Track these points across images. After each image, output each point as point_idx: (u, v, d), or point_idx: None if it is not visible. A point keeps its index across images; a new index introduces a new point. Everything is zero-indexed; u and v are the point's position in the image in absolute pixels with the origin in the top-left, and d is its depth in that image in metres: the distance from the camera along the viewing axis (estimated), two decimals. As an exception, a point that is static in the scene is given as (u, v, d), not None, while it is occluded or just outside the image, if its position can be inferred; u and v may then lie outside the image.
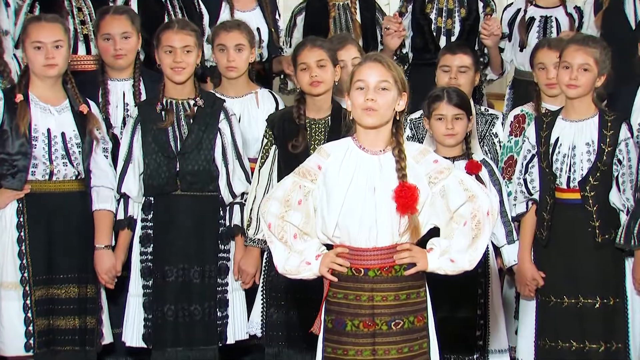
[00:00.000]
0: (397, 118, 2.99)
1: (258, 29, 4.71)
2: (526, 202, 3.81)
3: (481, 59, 4.69)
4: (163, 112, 3.82)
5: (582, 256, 3.67)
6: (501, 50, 4.82)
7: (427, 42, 4.78)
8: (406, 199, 2.88)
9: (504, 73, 4.88)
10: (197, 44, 3.84)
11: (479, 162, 3.85)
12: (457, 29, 4.78)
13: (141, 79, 4.08)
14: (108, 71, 4.10)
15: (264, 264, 3.89)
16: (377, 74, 2.95)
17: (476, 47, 4.74)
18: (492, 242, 3.84)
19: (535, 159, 3.78)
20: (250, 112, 4.19)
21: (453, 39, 4.75)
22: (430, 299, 3.03)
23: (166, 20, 4.50)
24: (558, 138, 3.70)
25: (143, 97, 4.05)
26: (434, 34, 4.78)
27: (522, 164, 3.81)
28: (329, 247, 3.03)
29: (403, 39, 4.72)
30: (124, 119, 4.04)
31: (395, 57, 4.79)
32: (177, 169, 3.78)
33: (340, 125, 3.64)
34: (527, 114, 4.15)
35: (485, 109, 4.32)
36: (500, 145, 4.16)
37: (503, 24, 4.84)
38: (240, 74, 4.17)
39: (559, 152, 3.70)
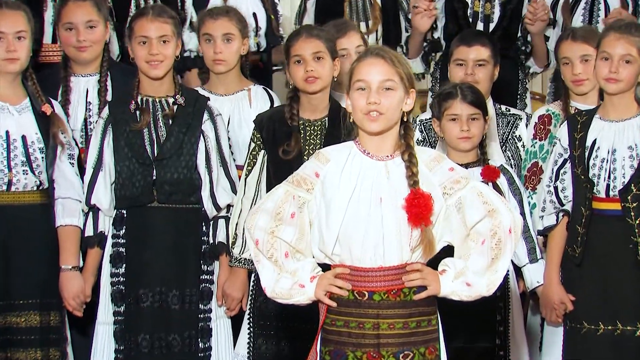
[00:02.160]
0: (405, 119, 3.00)
1: (254, 14, 4.73)
2: (556, 213, 3.82)
3: (523, 48, 4.71)
4: (138, 112, 3.82)
5: (621, 276, 3.65)
6: (546, 38, 4.82)
7: (461, 29, 4.77)
8: (419, 208, 2.88)
9: (549, 65, 4.89)
10: (176, 33, 3.85)
11: (497, 168, 3.88)
12: (496, 14, 4.80)
13: (109, 74, 4.09)
14: (72, 66, 4.11)
15: (251, 288, 3.89)
16: (380, 72, 2.95)
17: (519, 34, 4.77)
18: (512, 262, 3.81)
19: (568, 165, 3.78)
20: (241, 112, 4.21)
21: (492, 26, 4.77)
22: (442, 327, 3.03)
23: (135, 5, 4.57)
24: (595, 140, 3.70)
25: (109, 95, 4.07)
26: (470, 19, 4.81)
27: (552, 169, 3.81)
28: (326, 267, 3.03)
29: (435, 21, 4.74)
30: (85, 120, 4.06)
31: (426, 43, 4.83)
32: (154, 178, 3.78)
33: (339, 127, 3.61)
34: (553, 114, 4.17)
35: (506, 108, 4.34)
36: (524, 150, 4.20)
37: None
38: (230, 68, 4.19)
39: (596, 157, 3.69)
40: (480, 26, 4.78)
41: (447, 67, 4.37)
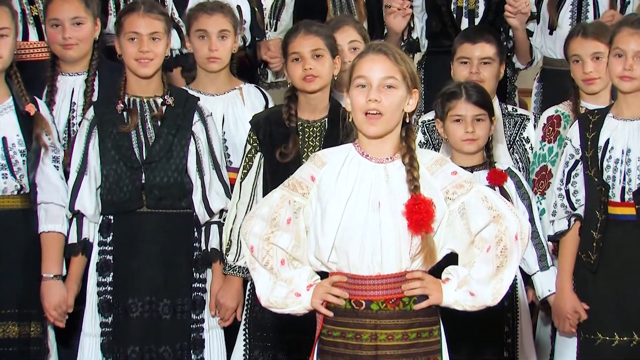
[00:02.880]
0: (407, 120, 2.99)
1: (239, 7, 4.70)
2: (568, 218, 3.81)
3: (505, 44, 4.68)
4: (125, 113, 3.82)
5: (637, 285, 3.65)
6: (530, 34, 4.81)
7: (445, 25, 4.77)
8: (420, 214, 2.88)
9: (534, 62, 4.88)
10: (167, 30, 3.86)
11: (504, 171, 3.86)
12: (481, 8, 4.78)
13: (97, 73, 4.09)
14: (60, 64, 4.11)
15: (246, 297, 3.89)
16: (382, 68, 2.94)
17: (501, 29, 4.75)
18: (520, 270, 3.84)
19: (580, 166, 3.76)
20: (235, 111, 4.21)
21: (477, 21, 4.76)
22: (446, 339, 3.02)
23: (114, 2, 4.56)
24: (608, 140, 3.69)
25: (96, 95, 4.06)
26: (454, 15, 4.79)
27: (563, 171, 3.79)
28: (324, 275, 3.02)
29: (412, 19, 4.72)
30: (68, 122, 4.06)
31: (403, 44, 4.81)
32: (142, 182, 3.78)
33: (339, 128, 3.55)
34: (562, 115, 4.16)
35: (513, 108, 4.34)
36: (532, 153, 4.19)
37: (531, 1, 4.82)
38: (224, 66, 4.19)
39: (610, 158, 3.67)
40: (465, 22, 4.76)
41: (431, 67, 4.38)
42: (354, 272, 2.95)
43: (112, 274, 3.79)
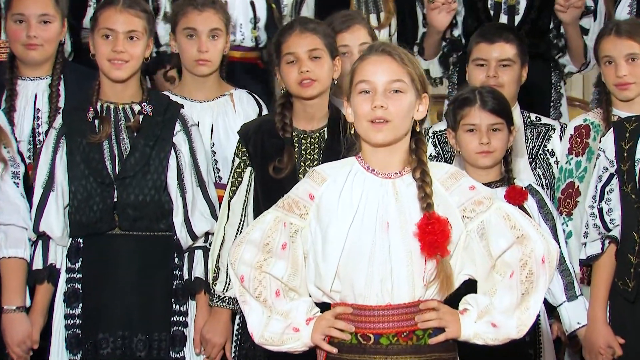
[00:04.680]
0: (417, 129, 2.99)
1: (252, 2, 4.74)
2: (602, 240, 3.82)
3: (555, 42, 4.71)
4: (97, 121, 3.81)
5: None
6: (584, 32, 4.81)
7: (481, 24, 4.76)
8: (434, 235, 2.88)
9: (589, 65, 4.88)
10: (148, 30, 3.86)
11: (524, 188, 3.85)
12: (522, 4, 4.81)
13: (62, 77, 4.09)
14: (20, 66, 4.11)
15: (235, 331, 3.89)
16: (387, 71, 2.95)
17: (551, 26, 4.78)
18: (544, 300, 3.76)
19: (615, 181, 3.77)
20: (226, 120, 4.24)
21: (517, 18, 4.78)
22: (463, 378, 3.04)
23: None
24: None
25: (62, 101, 4.06)
26: (491, 11, 4.82)
27: (596, 187, 3.80)
28: (325, 307, 3.02)
29: (455, 16, 4.75)
30: (32, 131, 4.04)
31: (445, 42, 4.84)
32: (115, 200, 3.77)
33: (340, 139, 3.57)
34: (592, 124, 4.17)
35: (536, 117, 4.33)
36: (558, 167, 4.20)
37: None
38: (214, 69, 4.22)
39: None
40: (503, 19, 4.78)
41: (464, 69, 4.36)
42: (361, 302, 2.94)
43: (80, 305, 3.78)
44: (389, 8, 4.92)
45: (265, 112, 4.24)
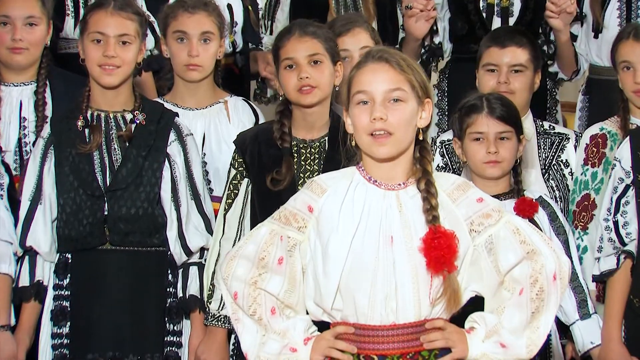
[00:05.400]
0: (421, 137, 2.99)
1: (229, 5, 4.73)
2: (617, 255, 3.81)
3: (544, 48, 4.69)
4: (87, 130, 3.81)
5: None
6: (574, 38, 4.82)
7: (473, 27, 4.80)
8: (441, 250, 2.88)
9: (580, 72, 4.90)
10: (140, 34, 3.86)
11: (535, 200, 3.84)
12: (516, 6, 4.81)
13: (48, 83, 4.08)
14: (2, 71, 4.11)
15: (231, 351, 3.88)
16: (385, 79, 2.95)
17: (540, 31, 4.77)
18: (556, 319, 3.73)
19: (631, 192, 3.77)
20: (219, 129, 4.23)
21: (512, 21, 4.78)
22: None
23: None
24: None
25: (49, 109, 4.06)
26: (484, 14, 4.81)
27: (611, 199, 3.80)
28: (324, 326, 3.01)
29: (435, 23, 4.73)
30: (19, 140, 4.04)
31: (424, 50, 4.82)
32: (106, 213, 3.76)
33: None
34: (609, 133, 4.17)
35: (550, 125, 4.33)
36: (572, 179, 4.19)
37: None
38: (206, 75, 4.21)
39: None
40: (497, 22, 4.79)
41: (456, 76, 4.37)
42: (363, 321, 2.93)
43: (69, 324, 3.77)
44: (369, 11, 4.91)
45: (262, 119, 4.23)
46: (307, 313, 3.03)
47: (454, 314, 2.98)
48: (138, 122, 3.83)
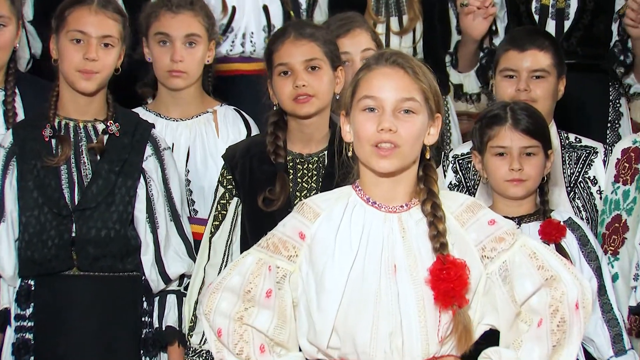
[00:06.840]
0: (427, 155, 2.99)
1: (265, 7, 4.75)
2: None
3: (621, 58, 4.73)
4: (54, 141, 3.78)
5: None
6: None
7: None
8: (450, 282, 2.87)
9: None
10: (123, 37, 3.87)
11: (563, 222, 3.80)
12: (572, 7, 4.81)
13: (17, 90, 4.09)
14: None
15: None
16: (398, 87, 2.94)
17: (616, 39, 4.79)
18: (586, 354, 3.83)
19: (669, 213, 3.79)
20: (205, 143, 4.24)
21: (567, 24, 4.79)
22: None
23: None
24: None
25: (20, 118, 4.07)
26: (536, 16, 4.82)
27: None
28: None
29: (494, 22, 4.76)
30: None
31: (483, 52, 4.86)
32: (73, 235, 3.75)
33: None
34: (642, 146, 4.19)
35: (576, 138, 4.31)
36: (601, 198, 4.17)
37: None
38: (191, 82, 4.23)
39: None
40: (551, 25, 4.81)
41: None
42: (365, 360, 2.90)
43: (32, 358, 3.75)
44: (413, 10, 4.93)
45: (255, 130, 4.23)
46: (301, 350, 3.02)
47: (465, 351, 2.96)
48: (111, 133, 3.82)
